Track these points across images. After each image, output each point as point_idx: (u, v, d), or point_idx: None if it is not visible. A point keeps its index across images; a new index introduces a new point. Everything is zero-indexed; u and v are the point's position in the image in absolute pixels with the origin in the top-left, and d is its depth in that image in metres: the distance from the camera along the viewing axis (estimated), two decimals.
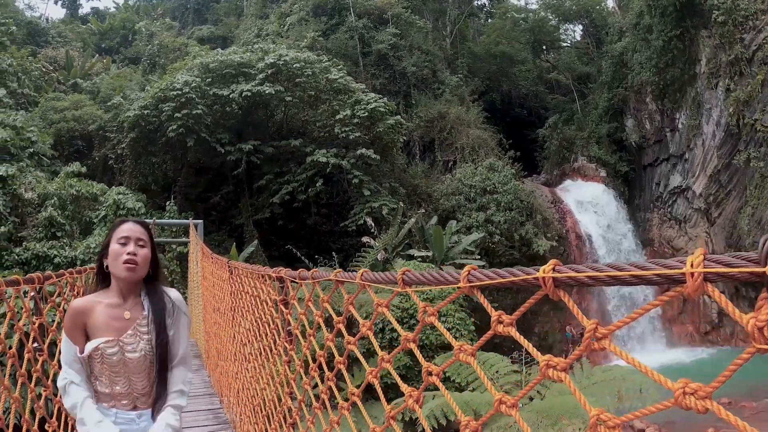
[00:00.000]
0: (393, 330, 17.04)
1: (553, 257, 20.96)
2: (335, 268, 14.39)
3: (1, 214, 18.56)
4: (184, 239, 19.38)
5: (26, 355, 3.46)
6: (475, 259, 23.73)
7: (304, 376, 2.88)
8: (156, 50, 30.26)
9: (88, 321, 2.40)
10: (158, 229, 19.50)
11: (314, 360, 2.72)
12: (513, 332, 1.11)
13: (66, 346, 2.41)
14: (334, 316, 2.38)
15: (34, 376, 3.34)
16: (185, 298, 18.40)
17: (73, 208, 20.35)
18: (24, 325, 3.31)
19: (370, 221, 21.99)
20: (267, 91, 22.46)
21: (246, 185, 22.39)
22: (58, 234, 19.22)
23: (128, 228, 2.48)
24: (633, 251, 31.79)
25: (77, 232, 20.17)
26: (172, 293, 2.58)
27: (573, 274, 0.97)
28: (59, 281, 4.28)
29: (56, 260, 18.31)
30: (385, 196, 22.83)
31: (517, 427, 10.39)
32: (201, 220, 17.96)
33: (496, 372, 14.28)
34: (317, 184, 21.74)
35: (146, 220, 18.48)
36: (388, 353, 1.75)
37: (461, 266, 19.74)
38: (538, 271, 1.06)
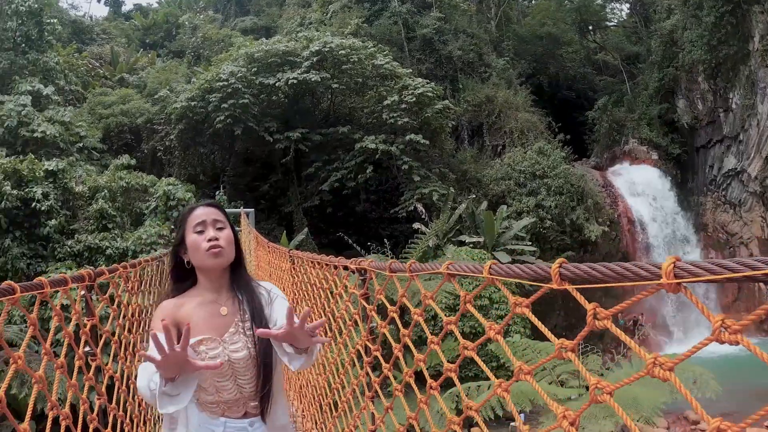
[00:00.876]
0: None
1: (605, 243, 20.25)
2: (388, 256, 14.12)
3: (53, 208, 18.84)
4: (235, 229, 19.35)
5: (77, 363, 3.13)
6: (527, 245, 23.24)
7: (372, 376, 2.75)
8: (200, 43, 30.48)
9: (181, 321, 2.08)
10: None
11: (386, 360, 2.54)
12: (609, 325, 1.07)
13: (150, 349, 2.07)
14: (411, 307, 2.19)
15: (86, 384, 3.03)
16: None
17: (124, 199, 20.55)
18: (73, 329, 3.04)
19: (420, 207, 21.69)
20: (313, 79, 22.31)
21: (294, 173, 22.31)
22: (110, 226, 19.40)
23: (202, 213, 2.15)
24: (686, 237, 30.78)
25: (128, 223, 20.37)
26: (262, 281, 2.27)
27: (695, 269, 0.90)
28: (112, 277, 3.91)
29: (108, 251, 18.47)
30: (435, 182, 22.48)
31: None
32: (252, 209, 17.90)
33: (546, 354, 13.92)
34: (367, 171, 21.51)
35: None
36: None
37: (513, 252, 19.23)
38: (654, 266, 0.97)
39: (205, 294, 2.14)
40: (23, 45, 28.09)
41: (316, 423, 4.55)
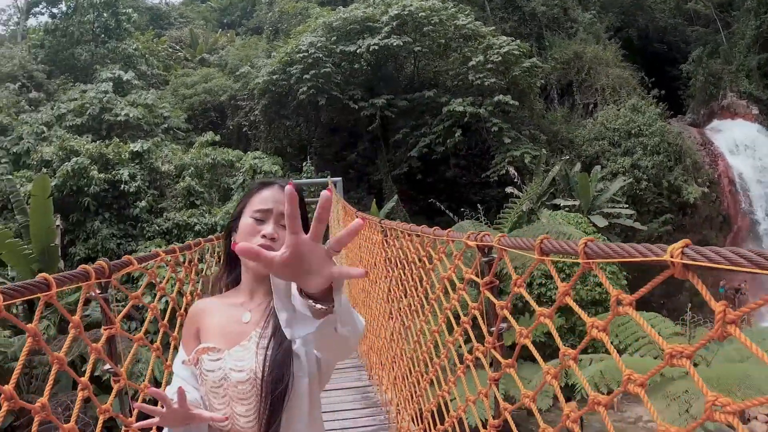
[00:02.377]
0: (541, 285, 16.08)
1: (705, 205, 18.61)
2: (482, 222, 13.29)
3: (140, 188, 19.10)
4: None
5: (172, 343, 2.91)
6: (623, 208, 22.06)
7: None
8: (277, 17, 30.37)
9: (201, 326, 1.68)
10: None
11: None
12: (632, 311, 1.13)
13: (178, 356, 1.74)
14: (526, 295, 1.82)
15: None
16: None
17: (211, 176, 20.62)
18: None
19: (512, 170, 20.81)
20: (395, 44, 21.68)
21: (382, 141, 21.89)
22: (197, 202, 19.51)
23: (271, 196, 1.60)
24: None
25: (216, 198, 20.46)
26: None
27: None
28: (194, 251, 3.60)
29: (197, 228, 18.51)
30: (526, 144, 21.52)
31: (690, 393, 9.15)
32: (339, 178, 17.57)
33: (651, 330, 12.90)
34: (455, 135, 20.79)
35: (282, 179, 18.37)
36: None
37: (609, 215, 18.03)
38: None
39: (240, 293, 1.68)
40: (102, 35, 28.81)
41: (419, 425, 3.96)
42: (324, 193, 1.03)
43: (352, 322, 1.25)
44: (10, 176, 18.32)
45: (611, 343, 1.36)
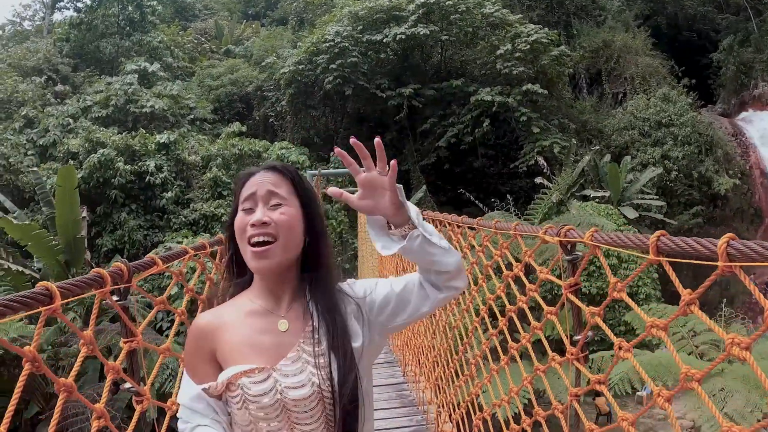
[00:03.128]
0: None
1: (736, 197, 18.16)
2: (512, 213, 13.04)
3: (167, 179, 19.08)
4: (350, 189, 18.97)
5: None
6: (654, 199, 21.67)
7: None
8: (302, 7, 30.28)
9: (218, 345, 1.38)
10: (324, 180, 19.25)
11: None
12: (624, 296, 1.27)
13: (186, 385, 1.41)
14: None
15: None
16: (354, 250, 18.12)
17: (237, 166, 20.53)
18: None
19: (542, 161, 20.49)
20: (421, 33, 21.43)
21: (409, 131, 21.70)
22: (224, 193, 19.45)
23: (254, 182, 1.41)
24: None
25: None
26: (356, 286, 1.52)
27: None
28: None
29: (223, 218, 18.41)
30: (555, 134, 21.19)
31: (726, 391, 8.83)
32: None
33: (690, 330, 12.68)
34: (483, 125, 20.53)
35: (311, 171, 18.20)
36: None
37: (639, 207, 17.66)
38: None
39: (259, 299, 1.42)
40: (127, 28, 28.90)
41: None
42: (377, 140, 1.34)
43: (437, 234, 1.40)
44: (36, 168, 18.43)
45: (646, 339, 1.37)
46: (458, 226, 3.55)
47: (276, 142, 21.27)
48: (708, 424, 8.52)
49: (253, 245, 1.34)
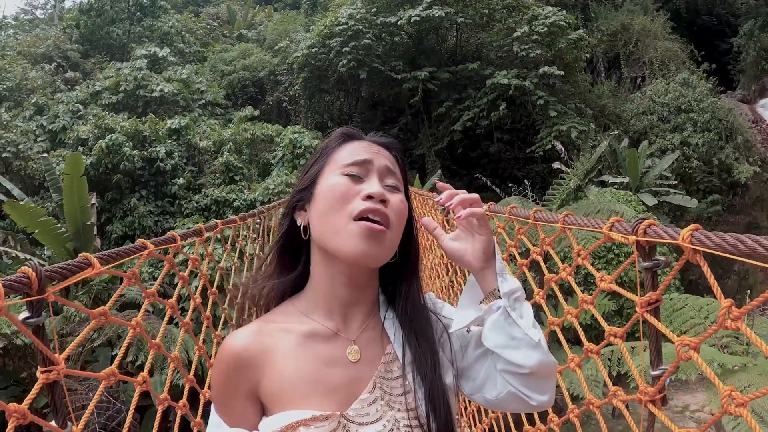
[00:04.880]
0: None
1: (755, 185, 17.63)
2: (528, 197, 12.68)
3: (178, 165, 18.86)
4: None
5: (204, 323, 2.47)
6: (672, 186, 21.25)
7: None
8: None
9: (262, 379, 1.03)
10: None
11: None
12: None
13: (215, 427, 1.05)
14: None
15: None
16: None
17: (250, 151, 20.35)
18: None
19: (559, 145, 20.10)
20: (436, 15, 21.01)
21: (425, 115, 21.35)
22: (236, 178, 19.28)
23: (365, 147, 1.12)
24: None
25: (255, 174, 20.19)
26: (438, 304, 1.22)
27: None
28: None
29: (235, 204, 18.27)
30: (573, 118, 20.79)
31: (753, 387, 8.45)
32: None
33: (706, 318, 12.23)
34: (500, 109, 20.14)
35: None
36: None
37: (657, 194, 17.21)
38: None
39: (319, 314, 1.08)
40: (138, 13, 28.65)
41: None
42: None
43: (529, 315, 1.07)
44: (46, 154, 18.27)
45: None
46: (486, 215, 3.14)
47: (289, 127, 20.99)
48: (727, 417, 8.16)
49: (362, 218, 1.03)
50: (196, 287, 2.49)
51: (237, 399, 1.03)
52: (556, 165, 19.83)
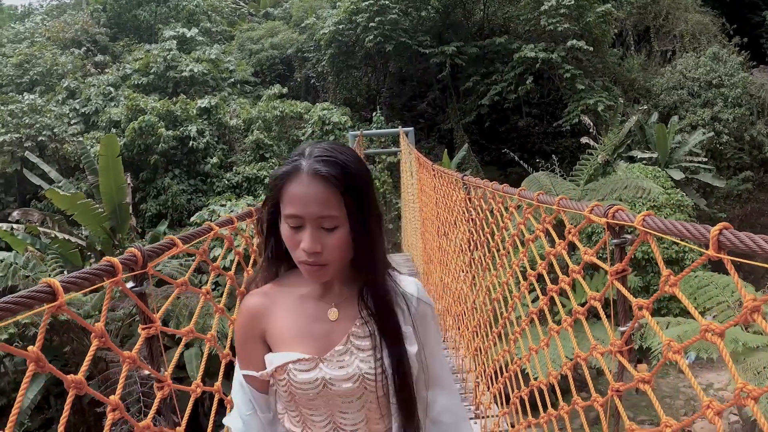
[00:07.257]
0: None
1: None
2: (555, 173, 12.59)
3: (209, 144, 19.14)
4: (393, 149, 18.81)
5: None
6: (702, 163, 20.95)
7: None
8: None
9: (268, 327, 1.38)
10: (366, 140, 19.05)
11: None
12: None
13: (236, 369, 1.46)
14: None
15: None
16: (398, 210, 17.89)
17: (279, 128, 20.56)
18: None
19: (586, 120, 19.96)
20: None
21: (452, 89, 21.33)
22: (267, 155, 19.54)
23: (300, 197, 1.23)
24: None
25: (285, 151, 20.42)
26: (405, 282, 1.43)
27: None
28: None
29: (266, 181, 18.50)
30: (600, 92, 20.60)
31: None
32: (411, 128, 17.12)
33: (737, 301, 12.11)
34: (527, 83, 20.05)
35: (352, 132, 17.99)
36: None
37: (686, 170, 16.91)
38: None
39: (307, 284, 1.38)
40: None
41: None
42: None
43: None
44: (80, 137, 18.61)
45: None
46: (499, 196, 3.39)
47: (318, 103, 21.16)
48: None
49: (303, 262, 1.28)
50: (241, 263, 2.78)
51: (251, 342, 1.39)
52: (584, 140, 19.71)
